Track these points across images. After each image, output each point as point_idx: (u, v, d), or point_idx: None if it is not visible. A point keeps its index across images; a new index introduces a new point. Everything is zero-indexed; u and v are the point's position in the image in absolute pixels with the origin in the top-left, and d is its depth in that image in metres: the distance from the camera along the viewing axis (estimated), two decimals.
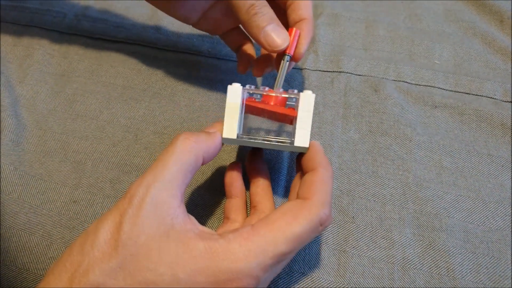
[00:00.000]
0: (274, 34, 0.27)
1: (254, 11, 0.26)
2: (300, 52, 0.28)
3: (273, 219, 0.21)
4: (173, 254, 0.19)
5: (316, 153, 0.24)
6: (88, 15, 0.44)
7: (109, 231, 0.19)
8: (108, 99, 0.37)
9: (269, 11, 0.27)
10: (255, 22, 0.27)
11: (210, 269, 0.19)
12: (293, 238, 0.20)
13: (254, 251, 0.19)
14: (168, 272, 0.19)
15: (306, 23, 0.29)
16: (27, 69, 0.40)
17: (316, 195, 0.22)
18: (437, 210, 0.30)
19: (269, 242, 0.20)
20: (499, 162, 0.33)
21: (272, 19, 0.27)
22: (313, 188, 0.22)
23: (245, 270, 0.19)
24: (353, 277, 0.27)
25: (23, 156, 0.33)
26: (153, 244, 0.19)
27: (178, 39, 0.42)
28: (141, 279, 0.18)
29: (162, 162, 0.21)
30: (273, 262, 0.20)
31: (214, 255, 0.19)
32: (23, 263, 0.28)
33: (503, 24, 0.43)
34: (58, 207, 0.31)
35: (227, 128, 0.25)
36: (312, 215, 0.21)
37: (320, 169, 0.23)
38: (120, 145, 0.34)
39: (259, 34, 0.27)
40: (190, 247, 0.19)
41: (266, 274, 0.20)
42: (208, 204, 0.31)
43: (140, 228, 0.19)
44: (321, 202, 0.22)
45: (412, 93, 0.37)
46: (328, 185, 0.23)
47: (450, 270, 0.28)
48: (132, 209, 0.20)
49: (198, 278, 0.19)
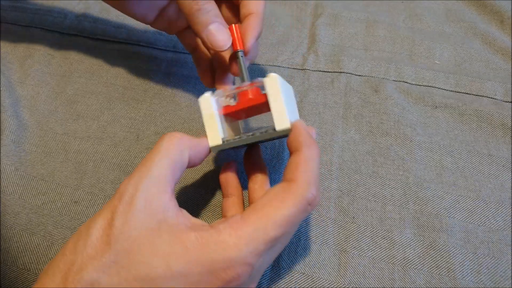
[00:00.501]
0: (217, 33, 0.26)
1: (197, 7, 0.26)
2: (246, 47, 0.28)
3: (260, 205, 0.21)
4: (166, 247, 0.19)
5: (299, 133, 0.24)
6: (88, 15, 0.44)
7: (101, 228, 0.20)
8: (109, 100, 0.37)
9: (213, 7, 0.27)
10: (198, 19, 0.26)
11: (203, 259, 0.19)
12: (282, 222, 0.20)
13: (244, 238, 0.20)
14: (162, 264, 0.19)
15: (254, 17, 0.28)
16: (28, 69, 0.40)
17: (301, 176, 0.22)
18: (437, 210, 0.30)
19: (258, 228, 0.20)
20: (499, 162, 0.33)
21: (215, 16, 0.27)
22: (298, 170, 0.22)
23: (237, 259, 0.19)
24: (353, 277, 0.28)
25: (24, 156, 0.33)
26: (145, 238, 0.19)
27: (178, 40, 0.42)
28: (135, 273, 0.19)
29: (149, 159, 0.22)
30: (265, 248, 0.20)
31: (205, 245, 0.19)
32: (24, 263, 0.29)
33: (504, 24, 0.43)
34: (59, 207, 0.31)
35: (211, 137, 0.25)
36: (298, 197, 0.21)
37: (303, 149, 0.23)
38: (121, 145, 0.34)
39: (202, 32, 0.26)
40: (182, 239, 0.20)
41: (260, 259, 0.20)
42: (208, 204, 0.31)
43: (132, 223, 0.19)
44: (306, 183, 0.22)
45: (413, 93, 0.37)
46: (313, 164, 0.23)
47: (450, 271, 0.28)
48: (122, 205, 0.20)
49: (192, 268, 0.19)
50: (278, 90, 0.24)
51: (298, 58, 0.40)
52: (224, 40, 0.27)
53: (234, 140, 0.25)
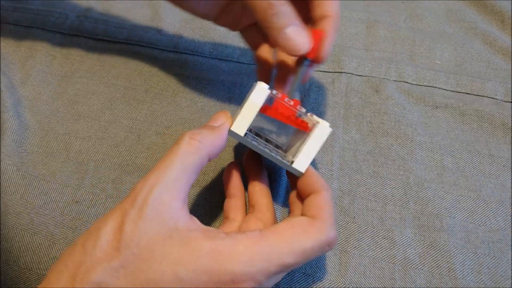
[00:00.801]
0: (295, 37, 0.24)
1: (272, 11, 0.24)
2: (323, 56, 0.26)
3: (282, 229, 0.21)
4: (176, 254, 0.19)
5: (317, 176, 0.25)
6: (90, 16, 0.44)
7: (111, 232, 0.20)
8: (110, 100, 0.38)
9: (289, 9, 0.24)
10: (274, 24, 0.24)
11: (213, 269, 0.19)
12: (299, 252, 0.21)
13: (260, 255, 0.20)
14: (170, 271, 0.19)
15: (331, 21, 0.26)
16: (29, 70, 0.40)
17: (326, 216, 0.23)
18: (438, 210, 0.30)
19: (275, 251, 0.20)
20: (500, 162, 0.33)
21: (292, 18, 0.24)
22: (322, 209, 0.23)
23: (248, 274, 0.19)
24: (354, 277, 0.28)
25: (25, 156, 0.34)
26: (155, 245, 0.19)
27: (179, 40, 0.42)
28: (143, 278, 0.19)
29: (166, 162, 0.21)
30: (276, 271, 0.20)
31: (219, 254, 0.19)
32: (26, 263, 0.29)
33: (504, 24, 0.43)
34: (60, 207, 0.31)
35: (237, 123, 0.24)
36: (322, 235, 0.22)
37: (323, 192, 0.24)
38: (122, 145, 0.34)
39: (277, 36, 0.24)
40: (193, 247, 0.19)
41: (267, 281, 0.20)
42: (210, 205, 0.31)
43: (142, 231, 0.19)
44: (330, 223, 0.22)
45: (413, 93, 0.37)
46: (332, 207, 0.24)
47: (451, 270, 0.28)
48: (134, 210, 0.20)
49: (200, 277, 0.19)
50: (321, 140, 0.25)
51: None
52: (304, 44, 0.25)
53: (251, 142, 0.25)
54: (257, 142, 0.25)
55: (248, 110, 0.24)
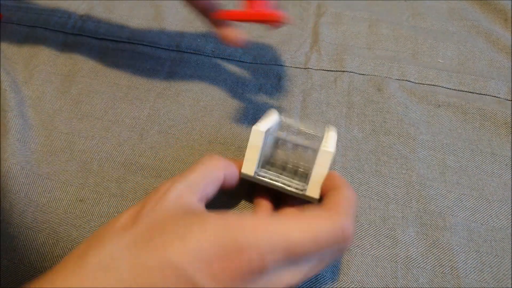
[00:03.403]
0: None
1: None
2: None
3: (291, 211, 0.22)
4: (187, 225, 0.20)
5: (336, 175, 0.25)
6: (92, 16, 0.44)
7: (133, 209, 0.22)
8: (113, 99, 0.38)
9: None
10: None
11: (219, 237, 0.19)
12: (307, 231, 0.20)
13: (265, 227, 0.20)
14: (178, 240, 0.19)
15: None
16: (32, 69, 0.40)
17: (341, 208, 0.22)
18: (440, 208, 0.30)
19: (282, 227, 0.20)
20: (502, 161, 0.33)
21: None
22: (337, 203, 0.23)
23: (253, 244, 0.19)
24: (356, 276, 0.28)
25: (29, 155, 0.34)
26: (169, 220, 0.21)
27: (181, 39, 0.42)
28: (152, 246, 0.19)
29: (190, 169, 0.25)
30: (283, 248, 0.19)
31: (226, 224, 0.20)
32: (30, 261, 0.29)
33: (507, 23, 0.42)
34: (64, 205, 0.31)
35: (246, 166, 0.27)
36: (334, 221, 0.21)
37: (343, 188, 0.24)
38: (125, 144, 0.35)
39: None
40: (203, 218, 0.20)
41: (274, 263, 0.19)
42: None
43: (160, 209, 0.21)
44: (345, 215, 0.22)
45: (416, 92, 0.37)
46: (352, 201, 0.23)
47: (453, 269, 0.28)
48: (155, 197, 0.22)
49: (205, 245, 0.19)
50: (326, 166, 0.25)
51: (301, 57, 0.40)
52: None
53: (263, 180, 0.27)
54: (269, 178, 0.27)
55: (250, 152, 0.27)
